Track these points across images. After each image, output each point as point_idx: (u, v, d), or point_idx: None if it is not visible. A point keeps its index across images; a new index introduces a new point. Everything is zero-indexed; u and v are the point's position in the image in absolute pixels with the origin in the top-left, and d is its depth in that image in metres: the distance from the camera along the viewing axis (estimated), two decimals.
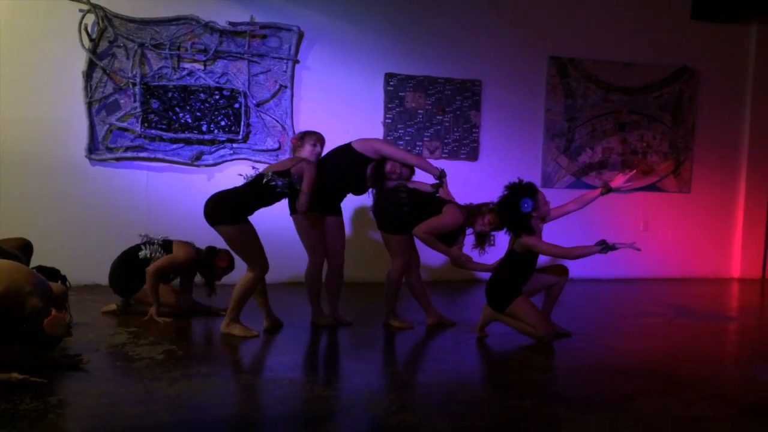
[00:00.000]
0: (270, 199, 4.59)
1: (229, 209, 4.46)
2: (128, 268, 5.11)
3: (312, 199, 4.63)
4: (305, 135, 4.91)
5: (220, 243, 4.78)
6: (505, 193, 4.64)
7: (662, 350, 4.63)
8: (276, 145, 6.80)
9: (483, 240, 4.94)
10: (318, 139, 4.89)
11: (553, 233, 5.24)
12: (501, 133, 7.50)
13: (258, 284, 4.66)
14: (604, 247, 4.40)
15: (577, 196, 5.05)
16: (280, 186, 4.50)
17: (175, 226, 5.95)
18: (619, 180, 5.03)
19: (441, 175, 4.93)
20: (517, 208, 4.54)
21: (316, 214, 4.83)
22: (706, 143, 8.13)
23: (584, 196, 4.97)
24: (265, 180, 4.52)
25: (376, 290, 5.78)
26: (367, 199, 5.29)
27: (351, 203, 5.47)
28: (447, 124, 7.32)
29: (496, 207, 4.82)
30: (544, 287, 4.86)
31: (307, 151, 4.83)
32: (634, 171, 6.34)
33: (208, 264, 5.23)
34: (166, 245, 5.14)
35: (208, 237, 4.90)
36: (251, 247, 4.55)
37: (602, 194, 4.93)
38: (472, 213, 4.89)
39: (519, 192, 4.58)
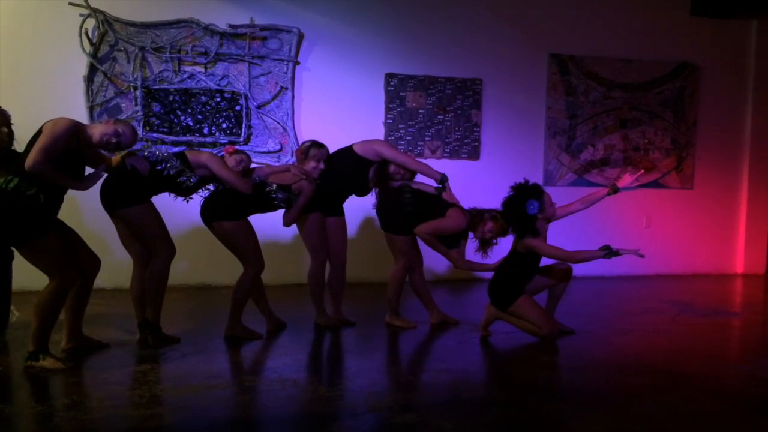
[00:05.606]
0: (266, 207, 4.66)
1: (230, 205, 4.50)
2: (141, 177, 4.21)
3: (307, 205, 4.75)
4: (310, 149, 4.83)
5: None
6: (511, 194, 4.61)
7: (666, 347, 4.63)
8: (277, 147, 6.80)
9: (486, 245, 4.91)
10: (323, 155, 4.82)
11: (555, 228, 5.22)
12: (502, 132, 7.50)
13: (255, 282, 4.67)
14: (608, 252, 4.38)
15: (583, 196, 5.01)
16: (279, 199, 4.61)
17: (178, 229, 5.96)
18: (626, 180, 5.01)
19: (443, 180, 4.92)
20: (523, 209, 4.52)
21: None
22: (708, 139, 8.12)
23: (590, 196, 4.95)
24: (267, 188, 4.58)
25: (379, 290, 5.79)
26: (369, 200, 5.30)
27: (354, 204, 5.47)
28: (448, 123, 7.32)
29: (497, 214, 4.80)
30: (547, 286, 4.86)
31: (310, 166, 4.79)
32: (642, 171, 6.30)
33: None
34: (179, 156, 4.39)
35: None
36: (248, 243, 4.58)
37: (609, 194, 4.92)
38: (474, 219, 4.87)
39: (525, 193, 4.54)
